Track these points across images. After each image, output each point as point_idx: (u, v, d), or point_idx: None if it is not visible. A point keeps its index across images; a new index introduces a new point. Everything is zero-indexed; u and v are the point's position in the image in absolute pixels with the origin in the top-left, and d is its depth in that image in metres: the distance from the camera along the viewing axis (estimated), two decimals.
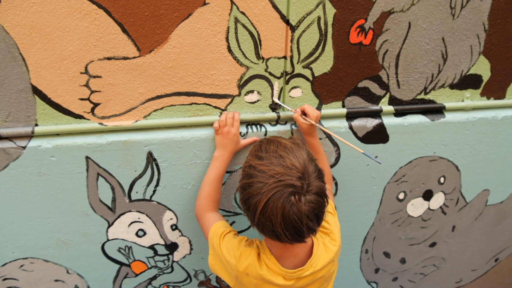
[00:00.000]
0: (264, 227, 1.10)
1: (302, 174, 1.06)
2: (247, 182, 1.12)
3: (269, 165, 1.09)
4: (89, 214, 1.54)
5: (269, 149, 1.14)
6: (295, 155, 1.09)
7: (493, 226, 2.05)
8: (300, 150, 1.13)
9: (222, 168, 1.45)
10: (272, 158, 1.10)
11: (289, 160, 1.08)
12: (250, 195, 1.09)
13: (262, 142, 1.22)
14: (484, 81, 1.71)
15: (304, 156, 1.11)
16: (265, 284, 1.22)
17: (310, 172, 1.08)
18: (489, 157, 1.84)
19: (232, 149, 1.45)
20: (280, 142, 1.16)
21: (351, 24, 1.46)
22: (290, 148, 1.12)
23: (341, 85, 1.56)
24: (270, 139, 1.20)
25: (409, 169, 1.76)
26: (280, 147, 1.13)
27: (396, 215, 1.85)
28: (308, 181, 1.06)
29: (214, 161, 1.46)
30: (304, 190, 1.05)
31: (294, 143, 1.16)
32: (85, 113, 1.40)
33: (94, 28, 1.28)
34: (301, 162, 1.08)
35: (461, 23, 1.56)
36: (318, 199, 1.08)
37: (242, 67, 1.44)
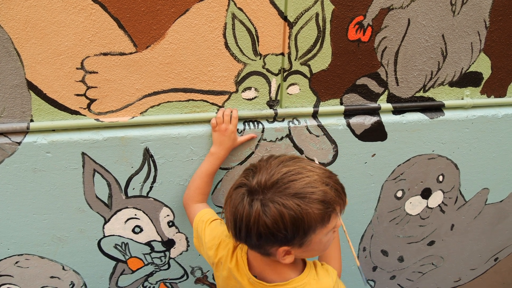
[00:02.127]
0: (227, 220, 1.12)
1: (266, 184, 1.02)
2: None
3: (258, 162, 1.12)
4: (85, 211, 1.53)
5: (291, 159, 1.10)
6: (270, 171, 1.04)
7: (493, 225, 2.04)
8: (302, 162, 1.08)
9: (216, 165, 1.45)
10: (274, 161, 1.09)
11: (276, 161, 1.08)
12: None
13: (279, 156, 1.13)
14: (485, 79, 1.69)
15: (285, 173, 1.03)
16: (231, 278, 1.23)
17: (268, 185, 1.01)
18: (489, 156, 1.83)
19: (229, 146, 1.44)
20: (302, 159, 1.11)
21: (349, 20, 1.44)
22: (299, 161, 1.08)
23: (339, 82, 1.54)
24: (288, 157, 1.12)
25: (407, 167, 1.74)
26: (296, 159, 1.09)
27: (394, 213, 1.84)
28: (269, 196, 1.00)
29: (209, 156, 1.46)
30: (263, 197, 1.00)
31: (315, 166, 1.09)
32: (81, 109, 1.39)
33: (90, 23, 1.27)
34: (283, 170, 1.03)
35: (462, 20, 1.54)
36: (268, 213, 0.99)
37: (239, 63, 1.42)
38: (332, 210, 1.03)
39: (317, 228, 1.03)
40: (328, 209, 1.02)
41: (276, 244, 1.04)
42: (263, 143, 1.54)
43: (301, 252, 1.09)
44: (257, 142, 1.53)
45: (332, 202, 1.03)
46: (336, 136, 1.60)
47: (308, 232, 1.02)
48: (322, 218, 1.02)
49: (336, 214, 1.07)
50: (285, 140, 1.56)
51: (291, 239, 1.02)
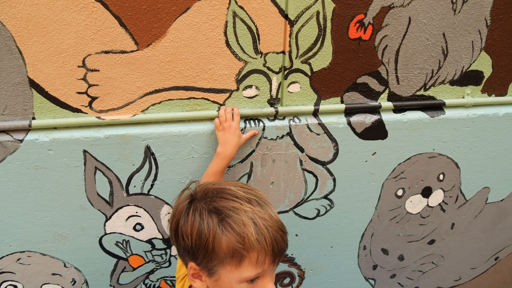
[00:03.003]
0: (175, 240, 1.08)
1: (207, 192, 1.01)
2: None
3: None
4: (87, 208, 1.54)
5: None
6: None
7: (493, 224, 2.04)
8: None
9: (223, 164, 1.44)
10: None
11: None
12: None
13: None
14: (486, 78, 1.69)
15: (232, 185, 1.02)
16: None
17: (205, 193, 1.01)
18: (489, 155, 1.83)
19: (235, 143, 1.43)
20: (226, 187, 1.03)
21: (350, 19, 1.45)
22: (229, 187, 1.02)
23: (339, 80, 1.55)
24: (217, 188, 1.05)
25: (408, 165, 1.75)
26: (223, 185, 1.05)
27: (395, 211, 1.84)
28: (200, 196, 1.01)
29: (216, 157, 1.45)
30: (196, 200, 1.00)
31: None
32: (82, 107, 1.40)
33: (92, 22, 1.28)
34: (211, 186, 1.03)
35: (463, 18, 1.54)
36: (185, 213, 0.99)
37: (240, 61, 1.43)
38: (246, 254, 0.91)
39: (225, 262, 0.93)
40: (242, 248, 0.90)
41: (187, 256, 1.00)
42: (264, 141, 1.54)
43: (212, 284, 0.99)
44: (258, 140, 1.54)
45: (250, 246, 0.90)
46: (336, 135, 1.60)
47: (214, 258, 0.93)
48: (231, 253, 0.91)
49: (255, 266, 0.92)
50: (285, 138, 1.56)
51: (197, 256, 0.96)
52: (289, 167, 1.62)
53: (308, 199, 1.71)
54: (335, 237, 1.86)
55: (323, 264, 1.93)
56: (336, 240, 1.87)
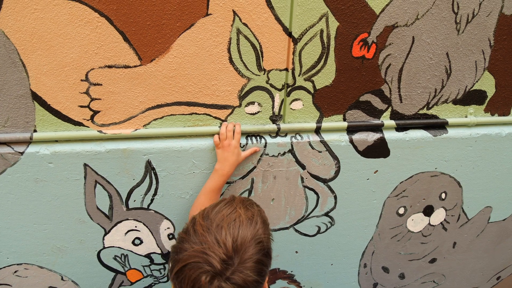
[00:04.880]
0: (175, 286, 1.01)
1: (229, 258, 0.95)
2: (181, 235, 1.04)
3: (206, 231, 0.99)
4: (86, 221, 1.53)
5: (220, 212, 1.04)
6: (234, 233, 0.98)
7: (495, 243, 2.02)
8: (248, 229, 1.01)
9: (220, 181, 1.43)
10: (215, 224, 1.00)
11: (224, 236, 0.97)
12: (176, 250, 1.01)
13: (226, 199, 1.11)
14: (489, 97, 1.69)
15: (247, 237, 0.99)
16: None
17: (243, 259, 0.96)
18: (492, 174, 1.81)
19: (233, 162, 1.43)
20: (236, 210, 1.04)
21: (354, 37, 1.45)
22: (240, 222, 1.01)
23: (342, 98, 1.54)
24: (234, 202, 1.09)
25: (409, 184, 1.74)
26: (230, 216, 1.02)
27: (396, 230, 1.83)
28: (235, 268, 0.94)
29: (213, 173, 1.45)
30: (224, 276, 0.93)
31: (250, 219, 1.04)
32: (84, 120, 1.40)
33: (96, 36, 1.28)
34: (236, 244, 0.96)
35: (466, 38, 1.54)
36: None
37: (243, 78, 1.43)
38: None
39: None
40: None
41: None
42: (265, 158, 1.54)
43: None
44: (259, 157, 1.53)
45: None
46: (338, 152, 1.59)
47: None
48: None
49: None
50: (287, 155, 1.55)
51: None
52: (290, 184, 1.61)
53: (309, 216, 1.70)
54: (335, 255, 1.84)
55: (323, 281, 1.91)
56: (336, 258, 1.85)
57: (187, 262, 0.96)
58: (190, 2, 1.29)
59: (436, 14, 1.47)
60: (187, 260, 0.96)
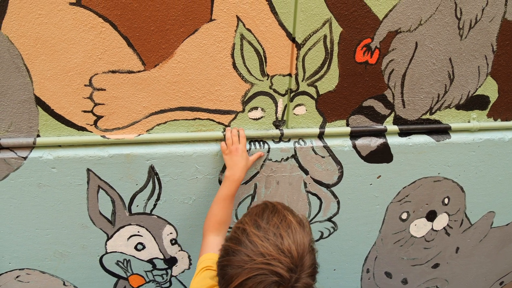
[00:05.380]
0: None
1: (295, 266, 0.92)
2: (233, 247, 0.97)
3: (264, 240, 0.94)
4: (89, 227, 1.52)
5: (271, 220, 1.00)
6: (296, 240, 0.95)
7: (498, 248, 2.01)
8: (304, 234, 0.98)
9: (233, 188, 1.40)
10: (271, 233, 0.96)
11: (287, 244, 0.93)
12: (230, 263, 0.96)
13: (267, 207, 1.06)
14: (491, 102, 1.69)
15: (306, 243, 0.96)
16: None
17: (305, 266, 0.94)
18: (495, 179, 1.81)
19: (243, 166, 1.41)
20: (286, 217, 1.01)
21: (357, 43, 1.45)
22: (294, 229, 0.97)
23: (345, 103, 1.54)
24: (277, 208, 1.05)
25: (412, 189, 1.73)
26: (283, 223, 0.98)
27: (399, 235, 1.83)
28: (298, 275, 0.92)
29: (224, 181, 1.41)
30: (290, 284, 0.91)
31: (300, 223, 1.01)
32: (87, 125, 1.40)
33: (100, 41, 1.28)
34: (299, 251, 0.94)
35: (469, 43, 1.54)
36: None
37: (246, 83, 1.43)
38: None
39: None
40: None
41: None
42: (269, 163, 1.53)
43: None
44: (262, 162, 1.53)
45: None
46: (341, 157, 1.59)
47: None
48: None
49: None
50: (290, 161, 1.55)
51: None
52: (293, 189, 1.61)
53: (312, 221, 1.70)
54: (338, 260, 1.83)
55: (326, 286, 1.90)
56: (339, 263, 1.84)
57: (250, 275, 0.91)
58: (194, 7, 1.29)
59: (439, 19, 1.47)
60: (250, 273, 0.91)
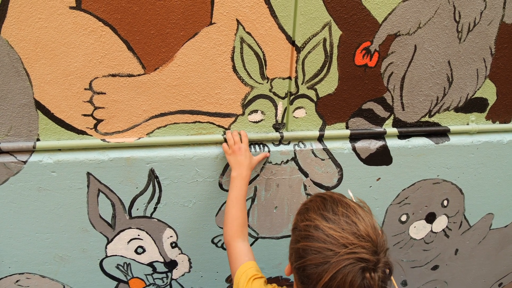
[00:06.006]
0: None
1: (376, 247, 0.93)
2: (311, 245, 0.96)
3: (340, 231, 0.94)
4: (89, 230, 1.52)
5: (337, 210, 0.99)
6: (367, 223, 0.95)
7: (497, 250, 2.02)
8: (370, 216, 0.99)
9: (243, 187, 1.38)
10: (343, 222, 0.96)
11: (364, 229, 0.94)
12: (314, 262, 0.95)
13: (325, 199, 1.06)
14: (490, 105, 1.70)
15: (375, 225, 0.97)
16: None
17: (382, 246, 0.95)
18: (493, 181, 1.82)
19: (248, 164, 1.40)
20: (349, 204, 1.01)
21: (356, 46, 1.45)
22: (361, 213, 0.98)
23: (345, 106, 1.55)
24: (335, 198, 1.05)
25: (412, 191, 1.74)
26: (349, 210, 0.98)
27: (398, 237, 1.83)
28: (379, 256, 0.93)
29: (233, 182, 1.39)
30: (376, 266, 0.92)
31: (361, 207, 1.01)
32: (87, 129, 1.40)
33: (100, 45, 1.28)
34: (375, 233, 0.94)
35: (468, 46, 1.55)
36: (386, 276, 0.94)
37: (246, 86, 1.43)
38: None
39: None
40: None
41: None
42: (268, 166, 1.54)
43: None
44: (262, 165, 1.53)
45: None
46: (341, 160, 1.60)
47: None
48: None
49: None
50: (290, 163, 1.55)
51: None
52: (293, 191, 1.61)
53: None
54: None
55: None
56: None
57: (339, 267, 0.91)
58: (194, 11, 1.29)
59: (438, 22, 1.48)
60: (338, 265, 0.91)
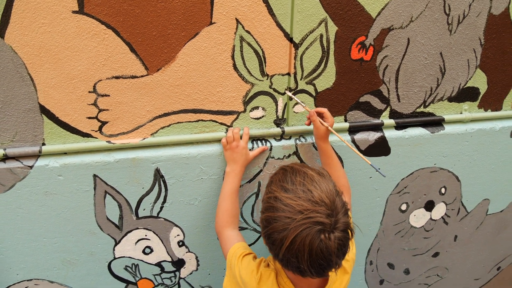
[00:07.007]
0: (288, 262, 1.06)
1: (331, 210, 1.02)
2: (272, 215, 1.07)
3: (296, 199, 1.04)
4: (96, 233, 1.53)
5: (295, 180, 1.09)
6: (323, 189, 1.05)
7: (494, 235, 2.08)
8: (327, 182, 1.08)
9: (235, 182, 1.46)
10: (299, 191, 1.06)
11: (318, 195, 1.03)
12: (276, 229, 1.05)
13: (286, 171, 1.16)
14: (481, 94, 1.76)
15: (332, 189, 1.06)
16: None
17: (338, 207, 1.04)
18: (488, 167, 1.88)
19: (242, 162, 1.46)
20: (306, 173, 1.11)
21: (352, 41, 1.50)
22: (318, 181, 1.07)
23: (343, 100, 1.59)
24: (295, 169, 1.15)
25: (410, 180, 1.78)
26: (307, 179, 1.08)
27: (399, 226, 1.87)
28: (336, 218, 1.02)
29: (226, 177, 1.47)
30: (332, 227, 1.01)
31: (320, 174, 1.11)
32: (92, 132, 1.41)
33: (103, 48, 1.30)
34: (329, 197, 1.04)
35: (458, 38, 1.61)
36: (345, 235, 1.04)
37: (247, 84, 1.46)
38: None
39: None
40: None
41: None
42: (271, 160, 1.57)
43: None
44: (265, 160, 1.56)
45: None
46: (341, 152, 1.63)
47: None
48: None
49: None
50: (292, 157, 1.59)
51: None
52: None
53: None
54: None
55: None
56: None
57: (297, 232, 1.00)
58: (194, 11, 1.32)
59: (429, 16, 1.53)
60: (296, 231, 1.00)
